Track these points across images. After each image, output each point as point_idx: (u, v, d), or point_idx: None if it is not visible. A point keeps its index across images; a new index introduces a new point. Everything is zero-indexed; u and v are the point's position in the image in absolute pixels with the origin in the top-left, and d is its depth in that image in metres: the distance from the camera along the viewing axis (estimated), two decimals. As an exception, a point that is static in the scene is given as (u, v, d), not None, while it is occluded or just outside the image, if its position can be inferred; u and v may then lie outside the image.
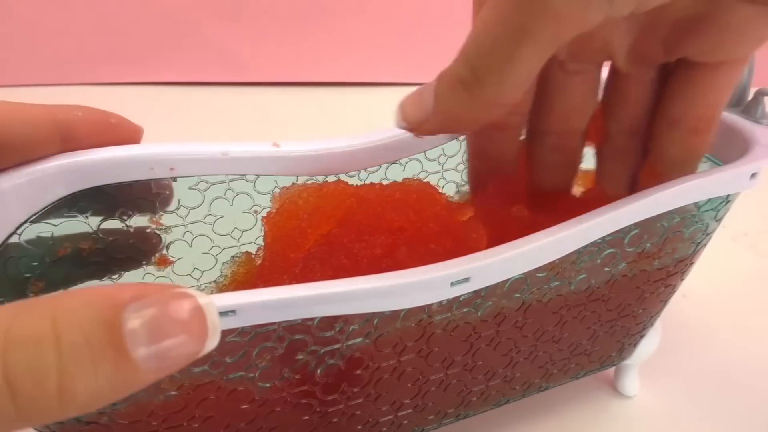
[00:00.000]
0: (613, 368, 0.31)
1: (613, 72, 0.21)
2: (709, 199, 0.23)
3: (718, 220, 0.24)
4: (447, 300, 0.20)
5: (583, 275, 0.22)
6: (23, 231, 0.20)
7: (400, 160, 0.26)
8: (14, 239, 0.20)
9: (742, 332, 0.35)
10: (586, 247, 0.21)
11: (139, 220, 0.24)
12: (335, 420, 0.22)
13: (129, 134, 0.21)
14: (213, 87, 0.65)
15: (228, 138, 0.30)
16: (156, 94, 0.63)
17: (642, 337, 0.28)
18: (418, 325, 0.20)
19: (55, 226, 0.21)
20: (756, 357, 0.34)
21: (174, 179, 0.23)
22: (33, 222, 0.21)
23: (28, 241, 0.21)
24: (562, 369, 0.26)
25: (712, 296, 0.38)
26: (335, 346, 0.19)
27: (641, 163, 0.23)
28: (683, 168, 0.22)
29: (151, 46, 0.64)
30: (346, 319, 0.19)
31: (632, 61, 0.20)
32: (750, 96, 0.25)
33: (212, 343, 0.14)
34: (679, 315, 0.36)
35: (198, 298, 0.13)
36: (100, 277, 0.23)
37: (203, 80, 0.65)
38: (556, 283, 0.22)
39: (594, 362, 0.27)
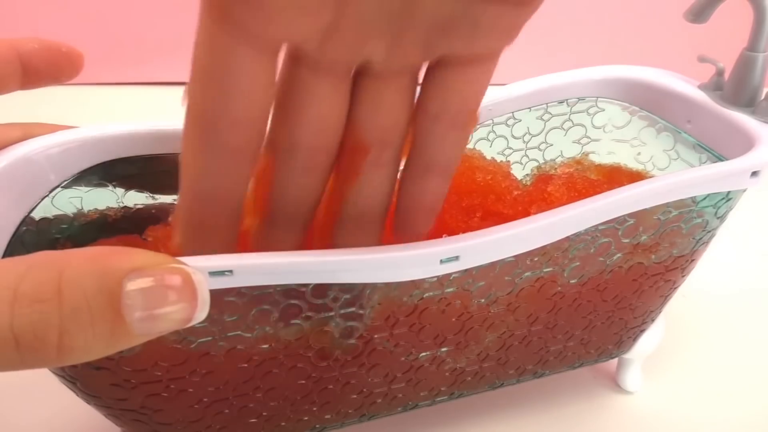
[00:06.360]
0: (616, 363, 0.31)
1: (367, 80, 0.19)
2: (708, 195, 0.23)
3: (720, 218, 0.24)
4: (438, 277, 0.21)
5: (577, 263, 0.23)
6: (56, 195, 0.22)
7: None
8: (47, 202, 0.22)
9: (745, 332, 0.35)
10: (578, 234, 0.21)
11: (162, 192, 0.25)
12: (330, 387, 0.23)
13: (78, 60, 0.22)
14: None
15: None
16: (156, 94, 0.63)
17: (642, 331, 0.28)
18: (410, 299, 0.21)
19: (85, 192, 0.23)
20: (758, 357, 0.34)
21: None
22: (65, 188, 0.23)
23: (60, 205, 0.23)
24: (558, 357, 0.27)
25: (716, 295, 0.38)
26: (328, 314, 0.20)
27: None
28: (448, 166, 0.21)
29: (151, 46, 0.64)
30: (340, 288, 0.20)
31: (390, 64, 0.18)
32: (762, 96, 0.26)
33: (201, 315, 0.15)
34: (684, 313, 0.36)
35: (192, 274, 0.15)
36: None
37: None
38: (548, 269, 0.23)
39: (591, 353, 0.28)
